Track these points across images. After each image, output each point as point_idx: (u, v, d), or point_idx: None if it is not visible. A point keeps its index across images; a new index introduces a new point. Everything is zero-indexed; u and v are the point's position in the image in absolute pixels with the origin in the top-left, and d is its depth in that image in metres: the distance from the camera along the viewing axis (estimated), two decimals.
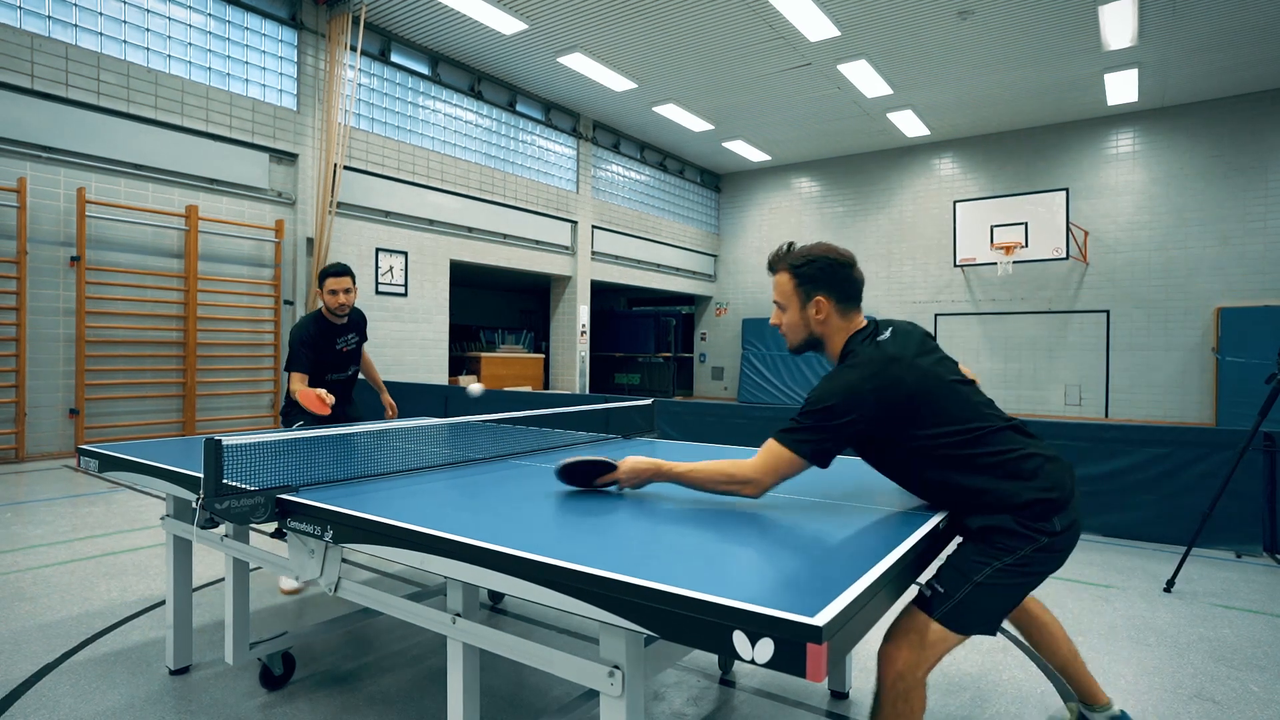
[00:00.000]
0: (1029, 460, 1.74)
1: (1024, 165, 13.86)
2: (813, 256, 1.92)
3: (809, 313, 1.93)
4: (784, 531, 1.64)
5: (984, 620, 1.71)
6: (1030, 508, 1.70)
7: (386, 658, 2.78)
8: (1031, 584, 1.73)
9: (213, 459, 1.85)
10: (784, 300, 1.97)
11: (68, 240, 7.34)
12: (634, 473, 1.95)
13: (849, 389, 1.75)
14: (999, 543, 1.71)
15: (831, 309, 1.91)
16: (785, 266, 1.96)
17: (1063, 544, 1.72)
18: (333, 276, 3.81)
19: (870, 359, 1.79)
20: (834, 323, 1.92)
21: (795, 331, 1.97)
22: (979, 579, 1.69)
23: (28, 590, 3.48)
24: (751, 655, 1.07)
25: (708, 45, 10.36)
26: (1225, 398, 11.59)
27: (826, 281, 1.91)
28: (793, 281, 1.94)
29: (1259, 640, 3.08)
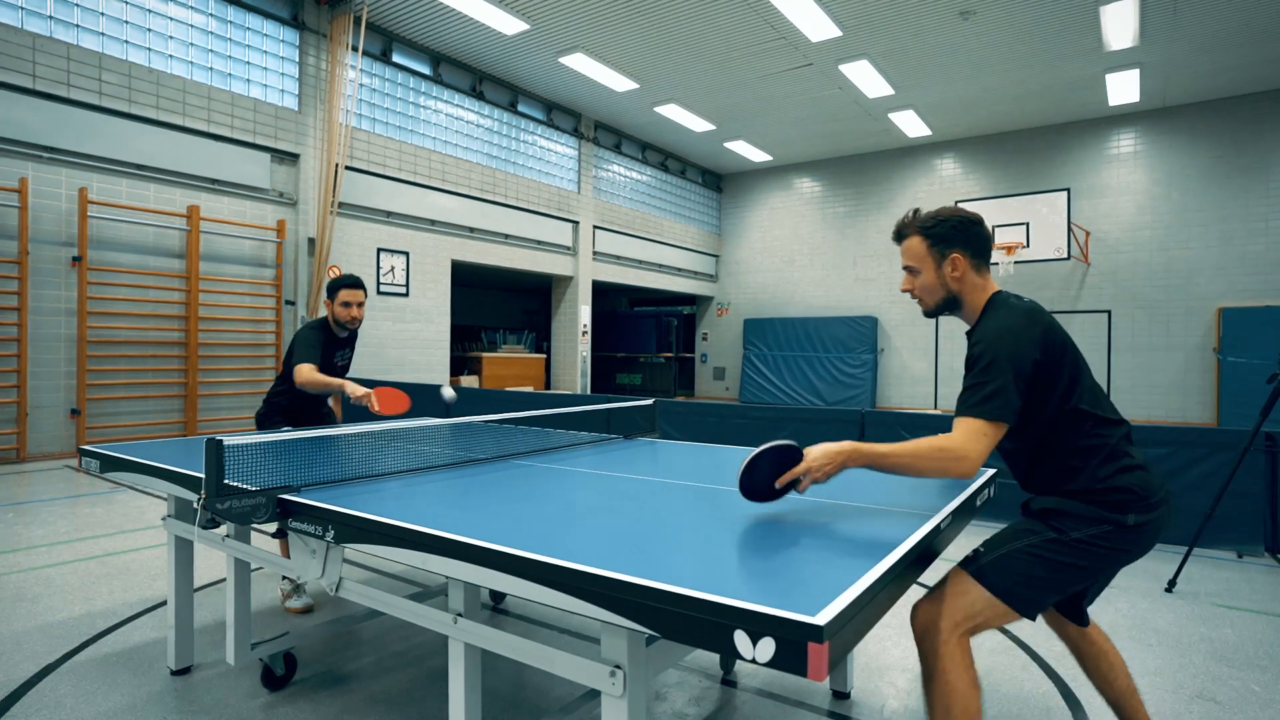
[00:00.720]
0: (1134, 457, 1.77)
1: (1025, 165, 13.85)
2: (943, 216, 1.93)
3: (945, 271, 1.91)
4: (785, 531, 1.64)
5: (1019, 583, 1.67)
6: (1111, 496, 1.71)
7: (388, 658, 2.78)
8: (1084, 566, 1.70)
9: (214, 459, 1.85)
10: (917, 263, 1.95)
11: (69, 240, 7.35)
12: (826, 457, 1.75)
13: (1014, 336, 1.73)
14: (1053, 522, 1.72)
15: (967, 266, 1.90)
16: (916, 230, 1.95)
17: (1130, 538, 1.71)
18: (347, 288, 3.54)
19: (1024, 309, 1.80)
20: (970, 279, 1.91)
21: (932, 292, 1.94)
22: (1020, 544, 1.71)
23: (29, 591, 3.48)
24: (753, 655, 1.07)
25: (709, 45, 10.36)
26: (1227, 398, 11.58)
27: (960, 239, 1.90)
28: (926, 243, 1.92)
29: (1261, 640, 3.07)
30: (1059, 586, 1.72)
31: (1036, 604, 1.72)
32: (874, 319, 15.15)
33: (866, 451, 1.75)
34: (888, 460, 1.73)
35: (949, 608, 1.69)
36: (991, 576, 1.69)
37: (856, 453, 1.75)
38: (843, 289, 15.79)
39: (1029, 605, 1.71)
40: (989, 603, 1.68)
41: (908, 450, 1.70)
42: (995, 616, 1.70)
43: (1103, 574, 1.76)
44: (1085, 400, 1.77)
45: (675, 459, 2.73)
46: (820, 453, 1.75)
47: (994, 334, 1.75)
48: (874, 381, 14.94)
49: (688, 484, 2.19)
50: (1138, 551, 1.75)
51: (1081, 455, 1.75)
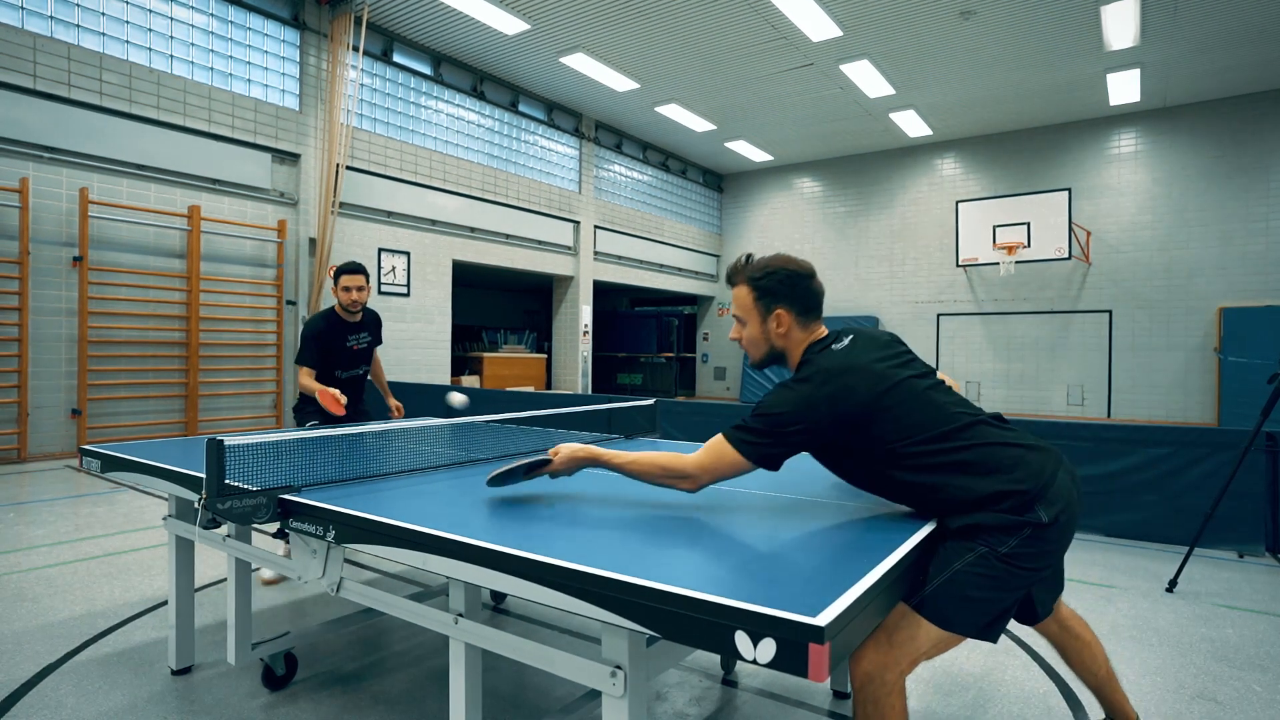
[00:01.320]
0: (1005, 451, 1.67)
1: (1026, 165, 13.84)
2: (772, 269, 1.88)
3: (770, 326, 1.89)
4: (786, 532, 1.64)
5: (966, 611, 1.58)
6: (1009, 498, 1.61)
7: (389, 658, 2.78)
8: (1021, 578, 1.61)
9: (215, 459, 1.85)
10: (744, 314, 1.92)
11: (70, 240, 7.35)
12: (569, 460, 1.92)
13: (800, 399, 1.70)
14: (982, 536, 1.61)
15: (792, 321, 1.87)
16: (744, 279, 1.91)
17: (1053, 535, 1.62)
18: (347, 274, 3.87)
19: (822, 369, 1.74)
20: (795, 335, 1.88)
21: (756, 346, 1.93)
22: (959, 565, 1.59)
23: (30, 590, 3.48)
24: (754, 655, 1.07)
25: (710, 45, 10.36)
26: (1227, 398, 11.57)
27: (787, 294, 1.87)
28: (752, 295, 1.90)
29: (1261, 640, 3.07)
30: (1002, 602, 1.62)
31: (993, 627, 1.64)
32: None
33: (604, 457, 1.89)
34: (624, 469, 1.87)
35: (898, 655, 1.57)
36: (937, 610, 1.58)
37: (595, 459, 1.90)
38: (843, 289, 15.79)
39: (985, 630, 1.63)
40: (941, 637, 1.59)
41: (642, 463, 1.83)
42: (944, 646, 1.62)
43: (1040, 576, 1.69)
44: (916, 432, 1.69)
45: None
46: (564, 457, 1.92)
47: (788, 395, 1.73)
48: None
49: None
50: (1062, 543, 1.68)
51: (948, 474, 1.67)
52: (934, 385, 1.79)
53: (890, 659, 1.56)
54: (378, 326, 4.16)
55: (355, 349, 3.98)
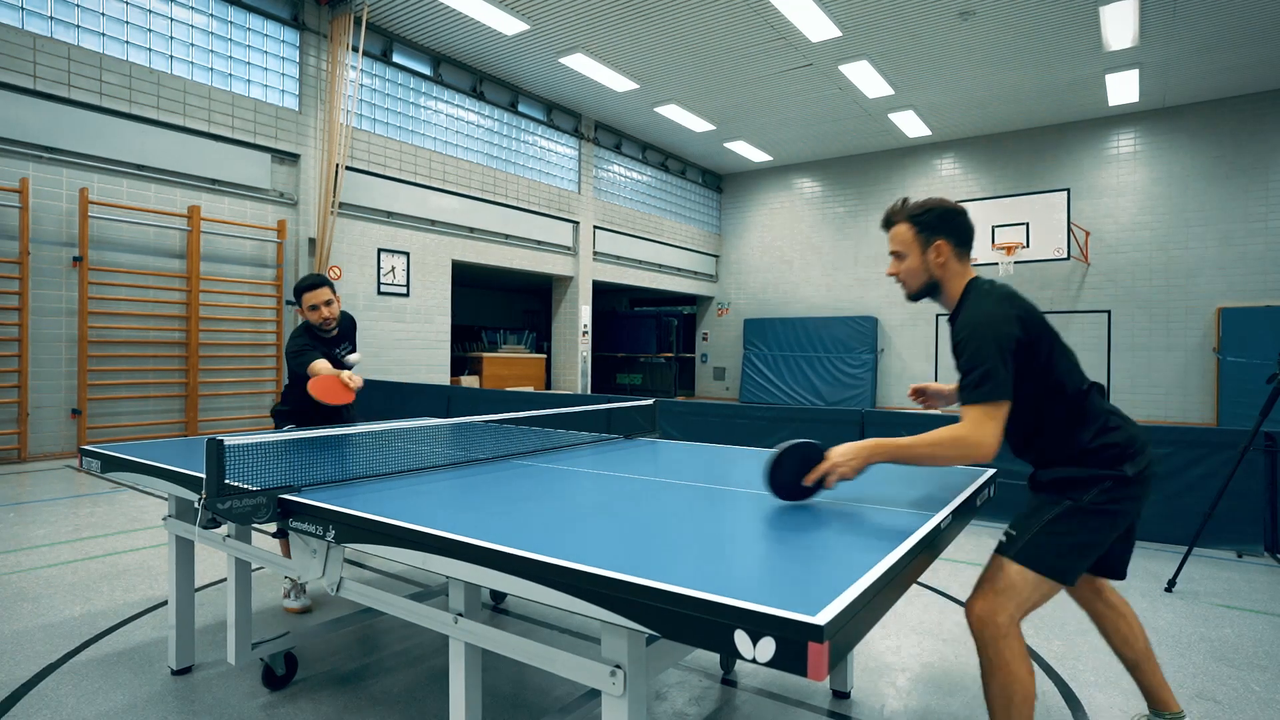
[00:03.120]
0: (1114, 416, 1.92)
1: (1025, 165, 13.85)
2: (930, 206, 2.03)
3: (930, 257, 2.01)
4: (785, 531, 1.64)
5: (1059, 556, 1.80)
6: (1103, 453, 1.84)
7: (388, 658, 2.79)
8: (1105, 527, 1.83)
9: (215, 459, 1.85)
10: (904, 248, 2.05)
11: (70, 240, 7.35)
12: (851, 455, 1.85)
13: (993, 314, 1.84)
14: (1068, 490, 1.84)
15: (951, 253, 2.00)
16: (904, 217, 2.05)
17: (1135, 487, 1.84)
18: (307, 291, 3.37)
19: (999, 292, 1.91)
20: (953, 266, 2.01)
21: (915, 276, 2.04)
22: (1049, 516, 1.82)
23: (30, 590, 3.48)
24: (753, 654, 1.07)
25: (709, 46, 10.36)
26: (1226, 398, 11.58)
27: (945, 227, 2.00)
28: (913, 229, 2.02)
29: (1260, 640, 3.08)
30: (1091, 549, 1.84)
31: (1077, 571, 1.85)
32: (874, 319, 15.15)
33: (889, 446, 1.86)
34: (909, 453, 1.84)
35: (1004, 600, 1.78)
36: (1034, 558, 1.80)
37: (880, 448, 1.86)
38: (843, 289, 15.79)
39: (1071, 574, 1.83)
40: (1037, 583, 1.79)
41: (927, 441, 1.82)
42: (1046, 595, 1.82)
43: (1121, 525, 1.89)
44: (1063, 372, 1.90)
45: (675, 459, 2.74)
46: (845, 450, 1.87)
47: (977, 320, 1.86)
48: (874, 381, 14.95)
49: (688, 484, 2.19)
50: (1142, 497, 1.88)
51: (1067, 422, 1.89)
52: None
53: (997, 604, 1.78)
54: (354, 332, 3.73)
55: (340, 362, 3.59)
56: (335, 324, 3.49)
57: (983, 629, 1.77)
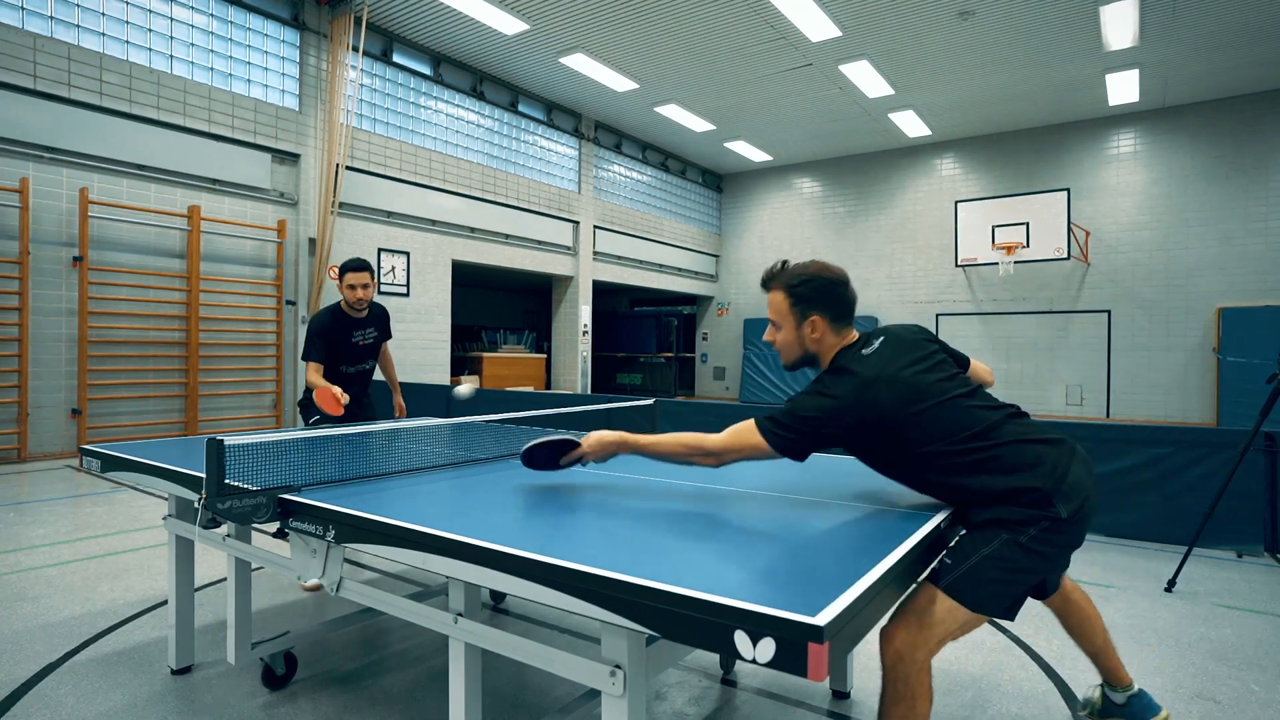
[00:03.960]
0: (1027, 449, 1.76)
1: (1025, 165, 13.85)
2: (807, 275, 1.95)
3: (804, 331, 1.96)
4: (785, 531, 1.64)
5: (992, 594, 1.69)
6: (1030, 494, 1.71)
7: (388, 657, 2.79)
8: (1039, 566, 1.72)
9: (215, 459, 1.85)
10: (779, 319, 2.00)
11: (70, 240, 7.35)
12: (600, 445, 2.02)
13: (829, 406, 1.79)
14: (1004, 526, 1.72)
15: (826, 327, 1.95)
16: (780, 286, 1.98)
17: (1069, 528, 1.72)
18: (351, 271, 3.86)
19: (854, 376, 1.81)
20: (828, 340, 1.96)
21: (790, 350, 2.01)
22: (986, 551, 1.71)
23: (30, 590, 3.48)
24: (753, 655, 1.07)
25: (709, 45, 10.36)
26: (1226, 398, 11.58)
27: (821, 301, 1.94)
28: (788, 301, 1.97)
29: (1260, 640, 3.08)
30: (1022, 585, 1.74)
31: (1014, 607, 1.76)
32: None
33: (633, 442, 1.99)
34: (651, 449, 1.96)
35: (927, 635, 1.67)
36: (966, 593, 1.69)
37: (624, 443, 2.00)
38: None
39: (1010, 610, 1.75)
40: (967, 617, 1.70)
41: (668, 443, 1.92)
42: (971, 627, 1.75)
43: (1056, 564, 1.85)
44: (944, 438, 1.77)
45: None
46: (594, 442, 2.02)
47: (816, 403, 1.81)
48: None
49: (688, 484, 2.19)
50: (1079, 535, 1.78)
51: (974, 475, 1.76)
52: (962, 387, 1.87)
53: (920, 639, 1.66)
54: (385, 321, 4.16)
55: (361, 344, 4.00)
56: (366, 306, 3.96)
57: (898, 663, 1.66)
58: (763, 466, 2.53)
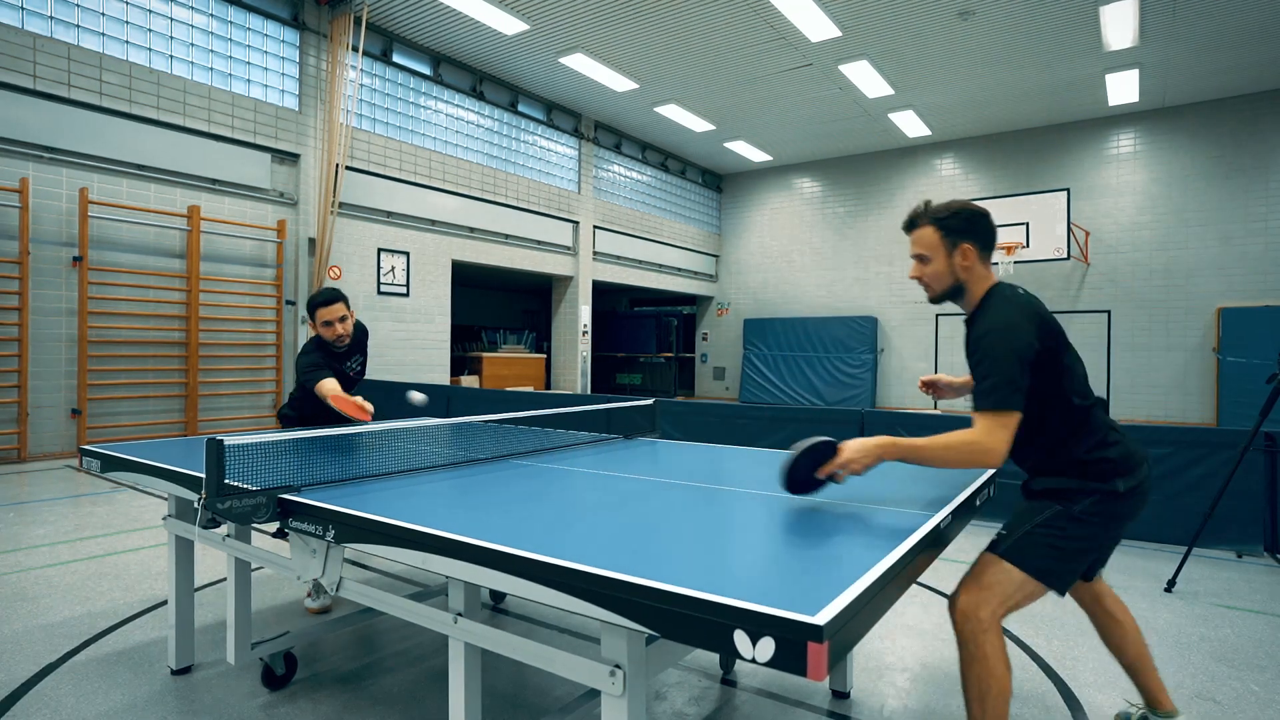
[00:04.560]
0: (1113, 433, 1.94)
1: (1025, 165, 13.85)
2: (955, 209, 2.03)
3: (955, 260, 2.02)
4: (785, 530, 1.64)
5: (1045, 558, 1.82)
6: (1097, 466, 1.87)
7: (388, 657, 2.79)
8: (1090, 533, 1.85)
9: (215, 459, 1.85)
10: (929, 251, 2.04)
11: (70, 240, 7.35)
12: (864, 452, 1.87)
13: (1013, 323, 1.85)
14: (1059, 497, 1.88)
15: (976, 257, 2.02)
16: (928, 221, 2.05)
17: (1124, 503, 1.87)
18: (321, 307, 3.32)
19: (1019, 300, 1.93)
20: (978, 270, 2.03)
21: (940, 279, 2.05)
22: (1039, 519, 1.86)
23: (30, 590, 3.48)
24: (752, 654, 1.07)
25: (709, 46, 10.36)
26: (1226, 398, 11.58)
27: (971, 231, 2.01)
28: (938, 233, 2.02)
29: (1260, 640, 3.08)
30: (1078, 556, 1.86)
31: (1065, 577, 1.86)
32: (874, 319, 15.15)
33: (902, 445, 1.88)
34: (921, 454, 1.86)
35: (988, 595, 1.81)
36: (1023, 557, 1.83)
37: (892, 447, 1.88)
38: (842, 289, 15.79)
39: (1059, 580, 1.85)
40: (1024, 582, 1.82)
41: (939, 444, 1.84)
42: (1030, 595, 1.84)
43: (1109, 538, 1.94)
44: (1071, 384, 1.91)
45: (675, 459, 2.74)
46: (856, 447, 1.89)
47: (996, 326, 1.87)
48: (874, 381, 14.95)
49: (688, 484, 2.19)
50: (1134, 513, 1.91)
51: (1066, 433, 1.91)
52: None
53: (981, 598, 1.81)
54: (365, 342, 3.70)
55: (350, 375, 3.62)
56: (348, 341, 3.43)
57: (965, 622, 1.80)
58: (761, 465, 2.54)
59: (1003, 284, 2.01)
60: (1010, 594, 1.81)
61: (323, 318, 3.32)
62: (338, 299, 3.35)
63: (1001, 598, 1.80)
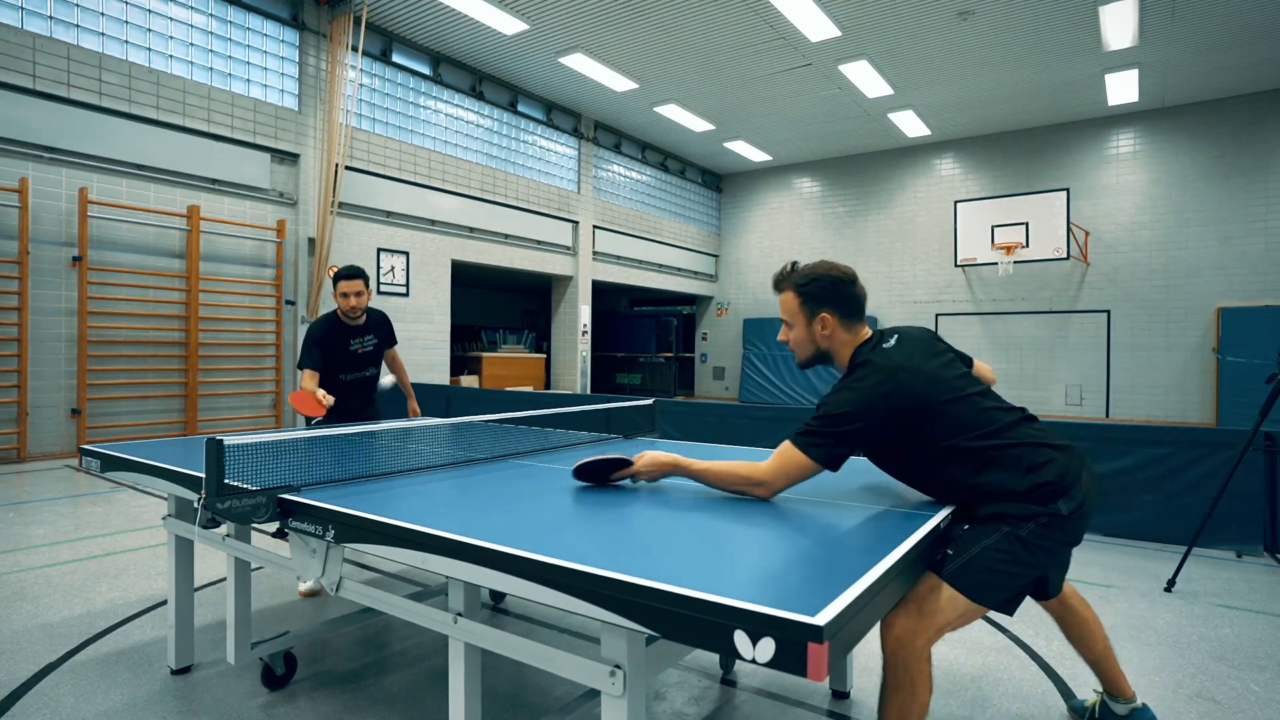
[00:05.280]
0: (1039, 451, 1.83)
1: (1025, 165, 13.85)
2: (816, 275, 2.02)
3: (815, 329, 2.02)
4: (785, 531, 1.64)
5: (990, 584, 1.75)
6: (1034, 493, 1.78)
7: (388, 657, 2.79)
8: (1038, 561, 1.78)
9: (214, 459, 1.85)
10: (790, 318, 2.06)
11: (70, 240, 7.35)
12: (653, 464, 2.03)
13: (860, 398, 1.83)
14: (1006, 521, 1.79)
15: (836, 324, 2.01)
16: (790, 286, 2.05)
17: (1070, 526, 1.79)
18: (344, 279, 3.80)
19: (879, 367, 1.87)
20: (840, 336, 2.02)
21: (803, 347, 2.07)
22: (986, 542, 1.77)
23: (30, 590, 3.48)
24: (752, 655, 1.07)
25: (709, 45, 10.36)
26: (1226, 398, 11.58)
27: (830, 298, 2.00)
28: (798, 300, 2.03)
29: (1260, 640, 3.08)
30: (1021, 579, 1.79)
31: (1011, 601, 1.82)
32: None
33: (685, 465, 1.99)
34: (702, 476, 1.96)
35: (927, 624, 1.71)
36: (966, 582, 1.74)
37: (676, 466, 2.00)
38: None
39: (1006, 604, 1.81)
40: (966, 607, 1.74)
41: (718, 471, 1.93)
42: (969, 618, 1.78)
43: (1056, 562, 1.90)
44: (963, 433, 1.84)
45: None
46: (647, 461, 2.04)
47: (848, 395, 1.86)
48: None
49: (688, 484, 2.19)
50: (1078, 533, 1.85)
51: (990, 469, 1.82)
52: (975, 386, 1.95)
53: (920, 626, 1.71)
54: (386, 328, 4.13)
55: (360, 352, 3.95)
56: (361, 313, 3.88)
57: (899, 649, 1.71)
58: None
59: (878, 349, 1.94)
60: (951, 621, 1.74)
61: (342, 289, 3.81)
62: (358, 275, 3.83)
63: (941, 624, 1.72)
